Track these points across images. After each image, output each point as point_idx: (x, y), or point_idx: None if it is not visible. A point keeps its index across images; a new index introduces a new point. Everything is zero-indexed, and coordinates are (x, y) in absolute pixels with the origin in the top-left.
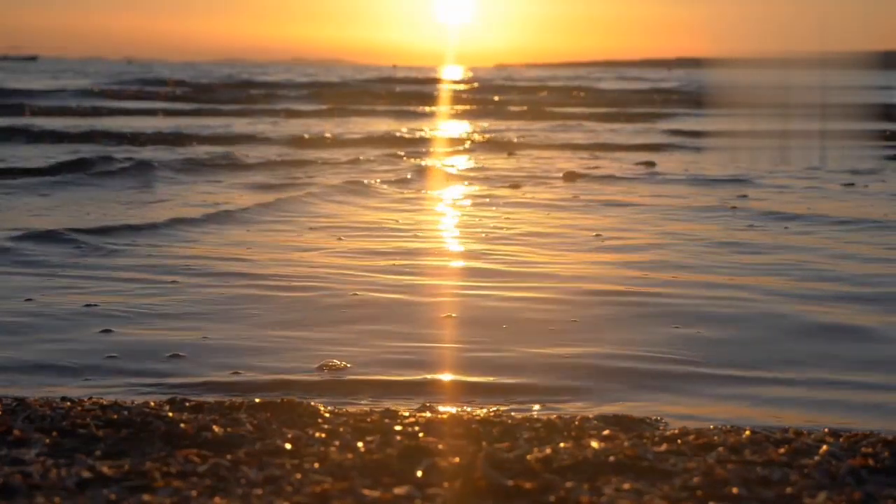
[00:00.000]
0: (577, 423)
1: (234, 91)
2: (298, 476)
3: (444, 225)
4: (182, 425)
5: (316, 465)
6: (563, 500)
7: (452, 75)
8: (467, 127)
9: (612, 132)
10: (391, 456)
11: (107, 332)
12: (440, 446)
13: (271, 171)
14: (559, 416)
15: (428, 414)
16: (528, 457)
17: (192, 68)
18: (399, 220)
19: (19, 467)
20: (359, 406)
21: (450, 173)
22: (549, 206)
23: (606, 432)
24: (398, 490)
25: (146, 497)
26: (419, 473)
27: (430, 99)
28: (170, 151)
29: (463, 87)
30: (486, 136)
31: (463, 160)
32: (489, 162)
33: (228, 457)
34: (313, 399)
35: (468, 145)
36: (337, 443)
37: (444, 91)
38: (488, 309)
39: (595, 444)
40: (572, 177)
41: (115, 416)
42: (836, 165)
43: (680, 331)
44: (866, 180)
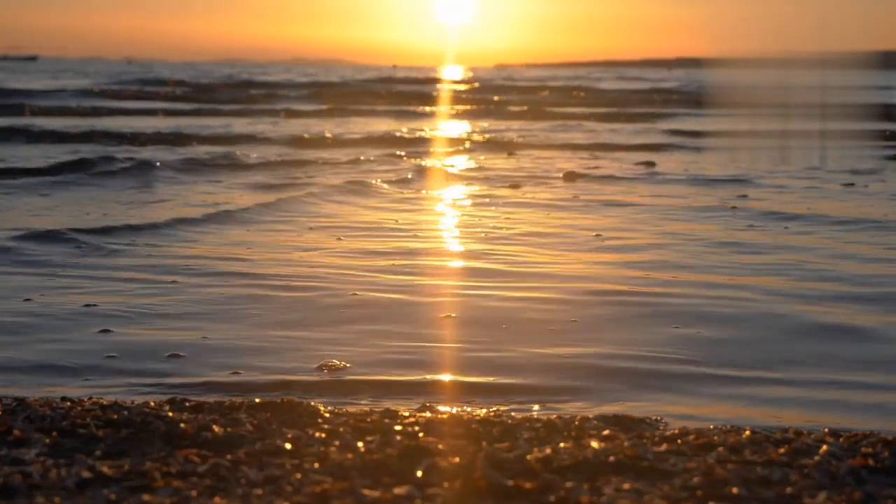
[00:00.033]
0: (577, 423)
1: (234, 91)
2: (298, 476)
3: (444, 225)
4: (182, 425)
5: (316, 465)
6: (563, 500)
7: (452, 75)
8: (467, 127)
9: (612, 132)
10: (391, 456)
11: (107, 332)
12: (440, 446)
13: (271, 171)
14: (559, 416)
15: (428, 414)
16: (528, 457)
17: (192, 68)
18: (399, 220)
19: (19, 467)
20: (359, 406)
21: (450, 173)
22: (549, 206)
23: (606, 432)
24: (398, 490)
25: (146, 497)
26: (419, 473)
27: (430, 99)
28: (170, 151)
29: (463, 87)
30: (486, 136)
31: (463, 160)
32: (489, 162)
33: (228, 457)
34: (313, 399)
35: (468, 145)
36: (337, 443)
37: (444, 91)
38: (488, 309)
39: (595, 444)
40: (572, 177)
41: (115, 416)
42: (836, 165)
43: (680, 331)
44: (866, 180)
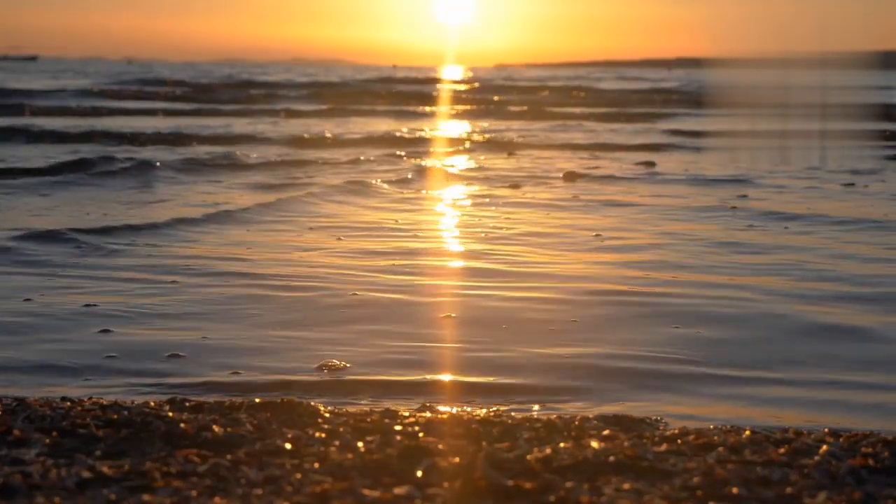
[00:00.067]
0: (577, 423)
1: (234, 91)
2: (298, 476)
3: (444, 225)
4: (182, 425)
5: (316, 465)
6: (563, 500)
7: (452, 75)
8: (467, 127)
9: (612, 132)
10: (391, 456)
11: (107, 331)
12: (440, 446)
13: (271, 172)
14: (559, 416)
15: (428, 414)
16: (528, 457)
17: (192, 68)
18: (399, 220)
19: (19, 467)
20: (359, 406)
21: (450, 173)
22: (549, 206)
23: (606, 432)
24: (398, 490)
25: (146, 497)
26: (419, 473)
27: (430, 99)
28: (170, 151)
29: (463, 87)
30: (486, 136)
31: (463, 160)
32: (489, 162)
33: (228, 457)
34: (313, 399)
35: (468, 145)
36: (337, 443)
37: (444, 91)
38: (488, 309)
39: (595, 444)
40: (572, 177)
41: (115, 416)
42: (836, 165)
43: (680, 331)
44: (866, 180)
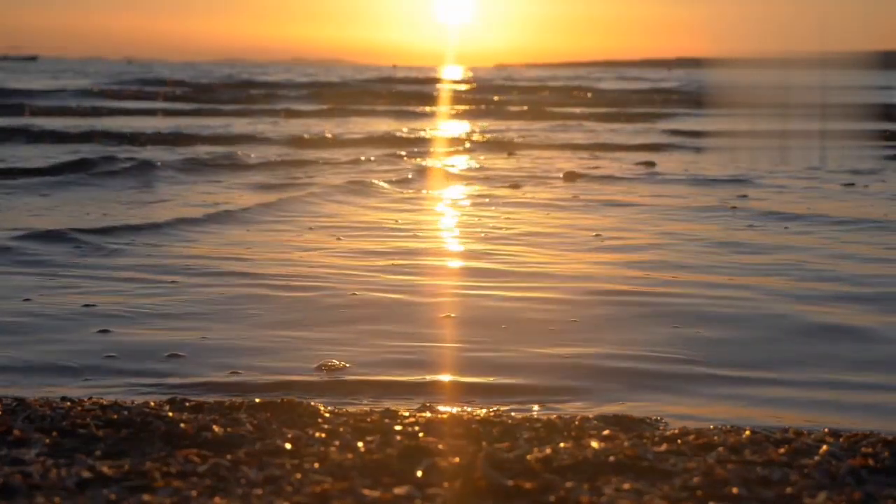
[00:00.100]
0: (577, 423)
1: (234, 91)
2: (298, 476)
3: (444, 225)
4: (182, 425)
5: (316, 465)
6: (563, 500)
7: (452, 75)
8: (467, 127)
9: (612, 132)
10: (391, 456)
11: (106, 332)
12: (440, 446)
13: (272, 172)
14: (559, 416)
15: (428, 414)
16: (528, 457)
17: (192, 68)
18: (399, 220)
19: (19, 467)
20: (359, 406)
21: (450, 173)
22: (549, 206)
23: (606, 432)
24: (398, 490)
25: (146, 497)
26: (419, 473)
27: (431, 99)
28: (170, 151)
29: (463, 87)
30: (486, 136)
31: (463, 160)
32: (489, 162)
33: (228, 457)
34: (313, 399)
35: (468, 145)
36: (337, 443)
37: (444, 91)
38: (488, 309)
39: (595, 444)
40: (572, 177)
41: (115, 416)
42: (836, 165)
43: (680, 331)
44: (866, 180)
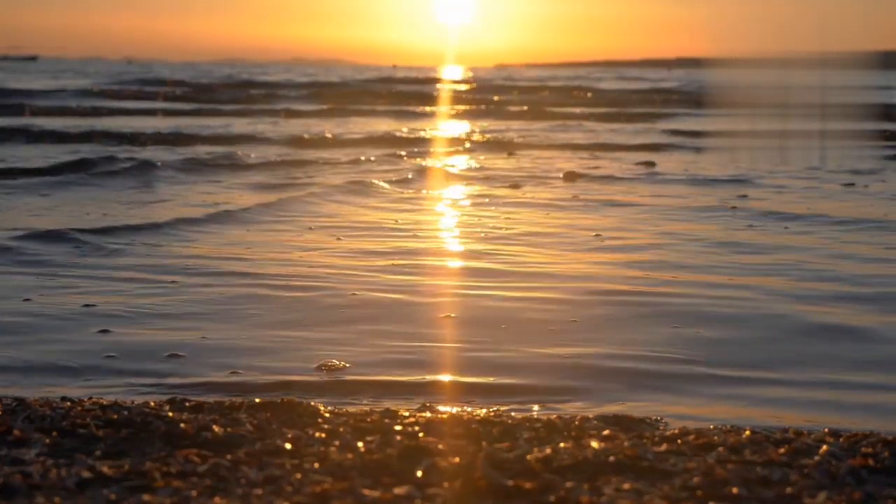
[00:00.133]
0: (577, 423)
1: (234, 91)
2: (298, 476)
3: (444, 225)
4: (182, 425)
5: (316, 465)
6: (563, 500)
7: (452, 75)
8: (467, 127)
9: (612, 132)
10: (391, 456)
11: (107, 332)
12: (440, 446)
13: (272, 172)
14: (559, 416)
15: (428, 414)
16: (528, 457)
17: (192, 68)
18: (399, 219)
19: (19, 467)
20: (359, 406)
21: (450, 173)
22: (549, 206)
23: (606, 432)
24: (398, 490)
25: (146, 497)
26: (419, 473)
27: (431, 99)
28: (170, 151)
29: (463, 87)
30: (486, 136)
31: (463, 160)
32: (489, 162)
33: (228, 457)
34: (313, 399)
35: (468, 145)
36: (337, 443)
37: (444, 91)
38: (488, 309)
39: (595, 444)
40: (572, 177)
41: (115, 416)
42: (836, 165)
43: (680, 331)
44: (866, 180)
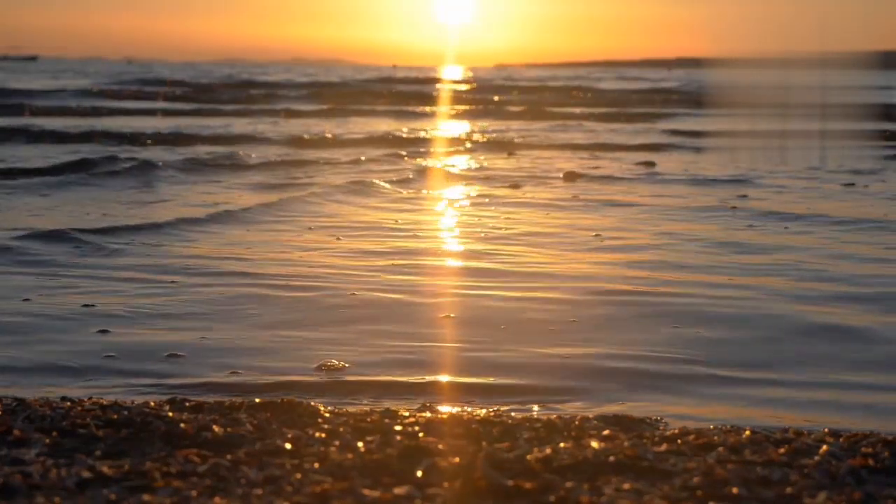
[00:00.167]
0: (577, 423)
1: (234, 91)
2: (298, 476)
3: (444, 225)
4: (182, 425)
5: (316, 465)
6: (563, 500)
7: (452, 75)
8: (467, 127)
9: (612, 132)
10: (391, 456)
11: (106, 332)
12: (440, 446)
13: (272, 172)
14: (559, 416)
15: (428, 414)
16: (528, 457)
17: (192, 68)
18: (399, 220)
19: (19, 467)
20: (359, 406)
21: (450, 173)
22: (549, 206)
23: (606, 432)
24: (398, 490)
25: (146, 497)
26: (419, 473)
27: (431, 99)
28: (170, 151)
29: (463, 87)
30: (486, 136)
31: (463, 160)
32: (489, 162)
33: (228, 457)
34: (313, 399)
35: (468, 145)
36: (337, 443)
37: (444, 91)
38: (488, 309)
39: (595, 444)
40: (572, 177)
41: (115, 416)
42: (836, 165)
43: (680, 331)
44: (866, 180)
